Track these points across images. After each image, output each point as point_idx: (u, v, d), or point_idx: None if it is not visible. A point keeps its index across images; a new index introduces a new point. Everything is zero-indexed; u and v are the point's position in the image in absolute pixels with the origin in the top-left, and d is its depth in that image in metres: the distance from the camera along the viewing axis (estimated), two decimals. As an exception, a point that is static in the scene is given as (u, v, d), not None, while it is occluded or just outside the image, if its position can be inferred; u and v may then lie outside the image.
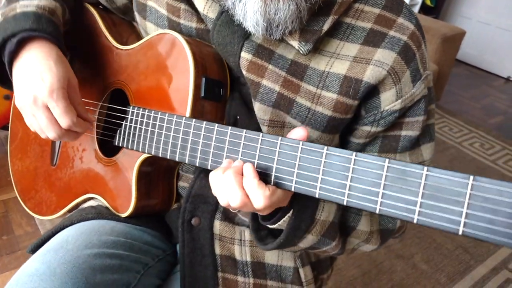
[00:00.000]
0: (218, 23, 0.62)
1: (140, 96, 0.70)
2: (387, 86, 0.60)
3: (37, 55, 0.63)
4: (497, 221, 0.36)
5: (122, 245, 0.68)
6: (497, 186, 0.36)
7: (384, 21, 0.61)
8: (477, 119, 3.20)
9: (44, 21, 0.65)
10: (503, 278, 1.75)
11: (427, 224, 0.39)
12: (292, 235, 0.57)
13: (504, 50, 4.09)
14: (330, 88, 0.60)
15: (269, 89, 0.62)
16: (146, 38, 0.71)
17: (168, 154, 0.61)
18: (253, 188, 0.49)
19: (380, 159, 0.42)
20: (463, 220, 0.37)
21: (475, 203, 0.37)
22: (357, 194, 0.43)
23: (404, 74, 0.60)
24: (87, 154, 0.79)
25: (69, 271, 0.58)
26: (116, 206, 0.74)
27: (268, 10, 0.53)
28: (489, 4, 4.15)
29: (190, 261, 0.71)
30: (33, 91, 0.62)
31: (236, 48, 0.62)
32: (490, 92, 3.80)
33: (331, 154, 0.45)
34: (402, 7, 0.62)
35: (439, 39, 2.74)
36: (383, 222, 0.68)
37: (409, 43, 0.60)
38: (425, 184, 0.39)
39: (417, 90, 0.62)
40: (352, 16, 0.61)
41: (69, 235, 0.67)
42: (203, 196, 0.70)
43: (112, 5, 0.81)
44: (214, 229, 0.70)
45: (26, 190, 0.89)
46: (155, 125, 0.64)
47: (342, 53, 0.60)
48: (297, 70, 0.61)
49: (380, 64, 0.59)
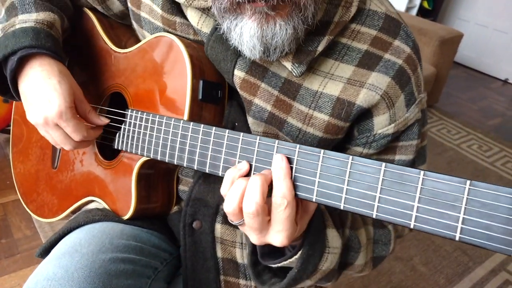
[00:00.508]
0: (212, 39, 0.62)
1: (138, 99, 0.71)
2: (381, 111, 0.60)
3: (39, 74, 0.64)
4: (494, 227, 0.35)
5: (133, 249, 0.68)
6: (494, 191, 0.35)
7: (380, 44, 0.60)
8: (475, 121, 3.21)
9: (43, 36, 0.66)
10: (501, 280, 1.75)
11: (424, 229, 0.39)
12: (293, 284, 0.56)
13: (502, 52, 4.11)
14: (322, 109, 0.60)
15: (261, 108, 0.62)
16: (144, 41, 0.71)
17: (166, 157, 0.61)
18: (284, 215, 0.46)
19: (376, 162, 0.42)
20: (460, 225, 0.37)
21: (472, 208, 0.36)
22: (354, 198, 0.43)
23: (398, 99, 0.60)
24: (87, 157, 0.79)
25: (86, 276, 0.58)
26: (116, 209, 0.74)
27: (265, 35, 0.52)
28: (486, 7, 4.17)
29: (192, 265, 0.71)
30: (42, 113, 0.63)
31: (229, 65, 0.62)
32: (488, 94, 3.82)
33: (328, 157, 0.44)
34: (400, 29, 0.61)
35: (437, 41, 2.76)
36: (377, 250, 0.68)
37: (404, 67, 0.60)
38: (421, 188, 0.39)
39: (411, 114, 0.62)
40: (348, 37, 0.60)
41: (81, 238, 0.67)
42: (203, 200, 0.70)
43: (109, 12, 0.82)
44: (216, 232, 0.70)
45: (28, 192, 0.89)
46: (154, 128, 0.64)
47: (336, 74, 0.60)
48: (290, 89, 0.61)
49: (374, 88, 0.59)
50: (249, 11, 0.51)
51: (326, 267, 0.58)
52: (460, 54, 4.08)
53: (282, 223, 0.47)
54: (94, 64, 0.80)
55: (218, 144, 0.54)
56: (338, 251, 0.59)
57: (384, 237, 0.68)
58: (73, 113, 0.65)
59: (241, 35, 0.53)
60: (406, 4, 3.89)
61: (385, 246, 0.68)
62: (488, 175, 2.50)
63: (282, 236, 0.47)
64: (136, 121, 0.68)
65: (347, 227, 0.64)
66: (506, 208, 0.35)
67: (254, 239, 0.50)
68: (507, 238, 0.35)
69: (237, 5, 0.51)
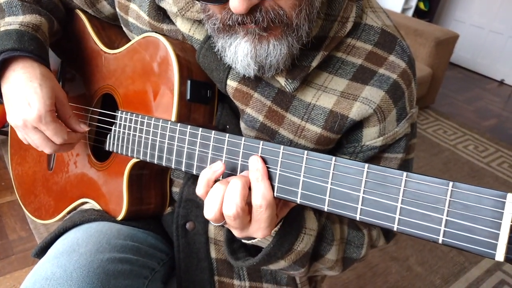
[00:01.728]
0: (204, 47, 0.62)
1: (128, 100, 0.71)
2: (371, 123, 0.60)
3: (21, 76, 0.64)
4: (477, 229, 0.34)
5: (130, 249, 0.68)
6: (476, 192, 0.35)
7: (374, 59, 0.60)
8: (471, 122, 3.23)
9: (26, 39, 0.65)
10: (497, 280, 1.76)
11: (407, 232, 0.38)
12: (267, 260, 0.56)
13: (497, 53, 4.13)
14: (315, 121, 0.60)
15: (253, 117, 0.62)
16: (132, 41, 0.71)
17: (155, 159, 0.61)
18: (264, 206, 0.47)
19: (360, 164, 0.41)
20: (443, 228, 0.36)
21: (455, 211, 0.36)
22: (337, 200, 0.42)
23: (390, 113, 0.60)
24: (81, 159, 0.79)
25: (85, 276, 0.58)
26: (109, 211, 0.74)
27: (258, 55, 0.52)
28: (482, 8, 4.19)
29: (186, 265, 0.71)
30: (22, 116, 0.63)
31: (222, 75, 0.62)
32: (483, 95, 3.84)
33: (311, 159, 0.44)
34: (395, 44, 0.61)
35: (432, 42, 2.77)
36: (348, 252, 0.68)
37: (398, 82, 0.60)
38: (404, 190, 0.38)
39: (400, 129, 0.62)
40: (343, 51, 0.60)
41: (78, 238, 0.66)
42: (195, 200, 0.70)
43: (100, 15, 0.82)
44: (209, 233, 0.70)
45: (26, 194, 0.90)
46: (142, 129, 0.64)
47: (330, 87, 0.60)
48: (283, 100, 0.60)
49: (367, 102, 0.59)
50: (241, 32, 0.51)
51: (301, 248, 0.58)
52: (456, 55, 4.11)
53: (263, 222, 0.48)
54: (85, 65, 0.80)
55: (204, 146, 0.54)
56: (314, 233, 0.60)
57: (357, 239, 0.68)
58: (53, 117, 0.64)
59: (235, 53, 0.53)
60: (402, 5, 3.91)
61: (357, 249, 0.68)
62: (484, 176, 2.51)
63: (263, 231, 0.49)
64: (126, 122, 0.68)
65: (323, 216, 0.64)
66: (489, 211, 0.34)
67: (236, 233, 0.52)
68: (491, 241, 0.34)
69: (229, 26, 0.51)
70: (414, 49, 2.87)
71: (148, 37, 0.68)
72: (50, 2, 0.78)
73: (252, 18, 0.49)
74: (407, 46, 0.62)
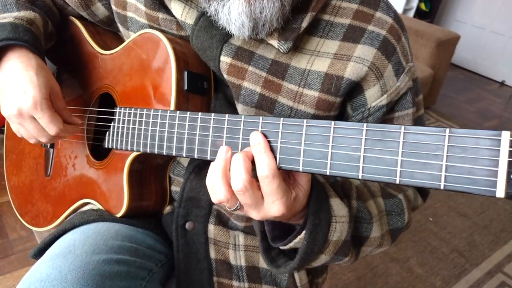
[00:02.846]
0: (196, 28, 0.63)
1: (126, 97, 0.71)
2: (371, 83, 0.60)
3: (16, 65, 0.64)
4: (477, 170, 0.35)
5: (127, 250, 0.68)
6: (473, 135, 0.36)
7: (362, 16, 0.61)
8: (472, 123, 3.22)
9: (21, 30, 0.66)
10: (498, 282, 1.75)
11: (410, 183, 0.39)
12: (306, 259, 0.56)
13: (499, 54, 4.12)
14: (311, 86, 0.61)
15: (251, 90, 0.62)
16: (127, 40, 0.72)
17: (155, 149, 0.61)
18: (274, 186, 0.47)
19: (358, 124, 0.42)
20: (444, 174, 0.37)
21: (453, 155, 0.37)
22: (339, 163, 0.43)
23: (386, 69, 0.60)
24: (79, 161, 0.79)
25: (80, 278, 0.58)
26: (110, 208, 0.74)
27: (253, 10, 0.53)
28: (483, 9, 4.19)
29: (185, 266, 0.70)
30: (17, 104, 0.62)
31: (215, 52, 0.62)
32: (484, 95, 3.83)
33: (311, 126, 0.45)
34: (379, 1, 0.62)
35: (434, 43, 2.76)
36: (392, 222, 0.67)
37: (388, 37, 0.61)
38: (403, 142, 0.39)
39: (402, 83, 0.62)
40: (330, 13, 0.61)
41: (75, 239, 0.66)
42: (195, 199, 0.70)
43: (95, 18, 0.82)
44: (209, 233, 0.70)
45: (23, 204, 0.89)
46: (141, 122, 0.64)
47: (323, 51, 0.61)
48: (278, 70, 0.61)
49: (361, 61, 0.59)
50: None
51: (337, 237, 0.57)
52: (457, 56, 4.10)
53: (274, 193, 0.47)
54: (82, 69, 0.81)
55: (204, 129, 0.54)
56: (346, 219, 0.58)
57: (396, 207, 0.67)
58: (48, 104, 0.64)
59: (229, 14, 0.54)
60: (403, 6, 3.91)
61: (399, 216, 0.67)
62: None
63: (277, 204, 0.48)
64: (125, 117, 0.68)
65: (353, 198, 0.63)
66: (487, 150, 0.35)
67: (255, 215, 0.50)
68: (490, 179, 0.35)
69: None
70: (415, 50, 2.87)
71: (144, 34, 0.68)
72: (45, 5, 0.78)
73: None
74: (390, 3, 0.64)
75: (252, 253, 0.72)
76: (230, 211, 0.50)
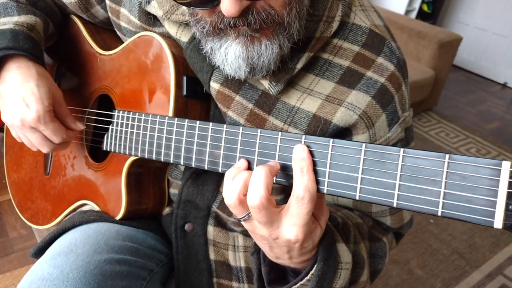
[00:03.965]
0: (189, 47, 0.62)
1: (125, 100, 0.71)
2: (360, 130, 0.59)
3: (17, 76, 0.63)
4: (475, 199, 0.35)
5: (128, 250, 0.68)
6: (473, 163, 0.35)
7: (362, 60, 0.58)
8: (473, 125, 3.21)
9: (21, 38, 0.65)
10: (498, 284, 1.75)
11: (407, 207, 0.38)
12: None
13: (501, 56, 4.11)
14: (297, 125, 0.59)
15: (234, 121, 0.61)
16: (127, 42, 0.72)
17: (153, 155, 0.61)
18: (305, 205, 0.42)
19: (357, 144, 0.41)
20: (442, 200, 0.36)
21: (452, 182, 0.36)
22: (337, 182, 0.43)
23: (379, 118, 0.59)
24: (78, 161, 0.79)
25: (81, 277, 0.58)
26: (108, 210, 0.73)
27: (250, 56, 0.51)
28: (485, 11, 4.18)
29: (185, 267, 0.70)
30: (19, 116, 0.63)
31: (205, 76, 0.61)
32: (486, 97, 3.82)
33: (309, 142, 0.44)
34: (383, 46, 0.59)
35: (436, 44, 2.76)
36: (374, 264, 0.66)
37: (386, 85, 0.58)
38: (402, 165, 0.39)
39: (393, 134, 0.60)
40: (330, 52, 0.59)
41: (76, 239, 0.66)
42: (193, 202, 0.69)
43: (95, 19, 0.82)
44: (208, 234, 0.70)
45: (23, 201, 0.89)
46: (140, 126, 0.64)
47: (316, 90, 0.59)
48: (266, 103, 0.60)
49: (352, 108, 0.57)
50: (233, 34, 0.51)
51: (340, 285, 0.55)
52: (459, 57, 4.09)
53: (301, 217, 0.43)
54: (81, 68, 0.81)
55: (202, 137, 0.53)
56: (349, 266, 0.57)
57: (380, 250, 0.66)
58: (51, 117, 0.64)
59: (225, 55, 0.52)
60: (405, 7, 3.90)
61: (381, 259, 0.66)
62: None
63: (297, 230, 0.44)
64: (123, 121, 0.68)
65: (351, 242, 0.62)
66: (486, 179, 0.35)
67: (263, 232, 0.46)
68: (489, 210, 0.34)
69: (220, 29, 0.51)
70: (417, 51, 2.86)
71: (143, 36, 0.68)
72: (46, 6, 0.78)
73: (244, 20, 0.48)
74: (396, 47, 0.61)
75: (252, 254, 0.72)
76: (236, 218, 0.47)
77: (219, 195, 0.69)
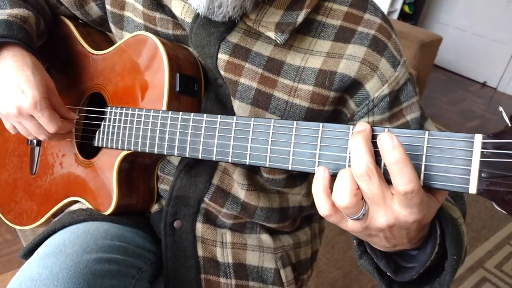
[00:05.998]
0: (195, 26, 0.65)
1: (117, 97, 0.72)
2: (368, 76, 0.62)
3: (12, 64, 0.64)
4: (452, 169, 0.39)
5: (117, 249, 0.69)
6: (449, 137, 0.40)
7: (352, 18, 0.64)
8: (454, 123, 3.29)
9: (15, 28, 0.66)
10: (479, 277, 1.80)
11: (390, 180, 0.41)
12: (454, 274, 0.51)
13: (480, 55, 4.21)
14: (306, 81, 0.63)
15: (247, 86, 0.64)
16: (120, 41, 0.73)
17: (147, 147, 0.63)
18: None
19: (345, 126, 0.45)
20: (423, 172, 0.40)
21: (432, 155, 0.40)
22: (327, 162, 0.46)
23: (380, 62, 0.63)
24: (67, 159, 0.79)
25: (71, 276, 0.58)
26: (98, 206, 0.74)
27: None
28: (465, 11, 4.28)
29: (173, 264, 0.71)
30: (16, 103, 0.63)
31: (213, 49, 0.64)
32: (467, 96, 3.91)
33: (301, 128, 0.48)
34: (367, 3, 0.66)
35: (417, 44, 2.81)
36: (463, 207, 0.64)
37: (377, 36, 0.63)
38: None
39: (400, 73, 0.64)
40: (322, 14, 0.64)
41: (65, 239, 0.67)
42: (184, 197, 0.71)
43: (88, 17, 0.83)
44: (197, 231, 0.72)
45: (5, 203, 0.89)
46: (133, 121, 0.66)
47: (316, 49, 0.63)
48: (273, 66, 0.64)
49: (352, 58, 0.62)
50: None
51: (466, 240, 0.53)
52: (440, 57, 4.17)
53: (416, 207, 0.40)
54: (72, 68, 0.81)
55: (196, 128, 0.57)
56: (462, 220, 0.55)
57: None
58: (47, 103, 0.65)
59: None
60: (387, 8, 3.96)
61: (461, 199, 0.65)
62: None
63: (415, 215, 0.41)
64: (116, 116, 0.69)
65: None
66: (461, 151, 0.39)
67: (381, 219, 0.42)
68: (464, 177, 0.39)
69: None
70: (399, 52, 2.91)
71: (137, 36, 0.70)
72: (37, 3, 0.79)
73: None
74: (377, 6, 0.67)
75: (239, 251, 0.74)
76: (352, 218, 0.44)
77: (211, 187, 0.71)
